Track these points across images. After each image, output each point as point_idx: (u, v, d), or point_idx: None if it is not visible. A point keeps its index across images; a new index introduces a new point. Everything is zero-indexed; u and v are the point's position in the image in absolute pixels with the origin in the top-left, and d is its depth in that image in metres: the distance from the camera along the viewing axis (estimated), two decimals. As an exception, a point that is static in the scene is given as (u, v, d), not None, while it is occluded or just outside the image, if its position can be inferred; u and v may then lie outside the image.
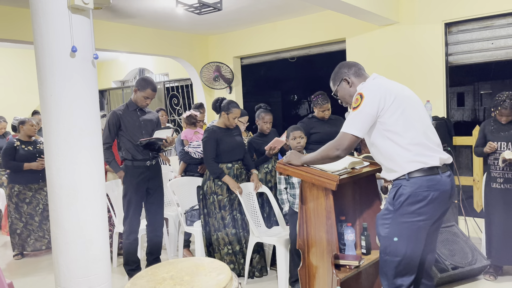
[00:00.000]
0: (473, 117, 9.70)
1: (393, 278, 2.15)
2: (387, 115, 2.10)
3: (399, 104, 2.10)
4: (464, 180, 4.49)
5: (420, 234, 2.12)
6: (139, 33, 5.84)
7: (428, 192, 2.07)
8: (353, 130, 2.13)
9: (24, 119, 4.56)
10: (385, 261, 2.18)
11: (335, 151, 2.18)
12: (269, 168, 3.85)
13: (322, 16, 5.46)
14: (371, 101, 2.10)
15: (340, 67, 2.37)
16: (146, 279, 2.00)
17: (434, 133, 2.22)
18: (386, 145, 2.14)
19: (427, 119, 2.23)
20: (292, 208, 3.20)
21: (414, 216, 2.08)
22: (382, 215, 2.19)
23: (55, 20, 2.38)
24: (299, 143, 3.23)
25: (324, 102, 3.74)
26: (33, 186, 4.50)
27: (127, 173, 3.55)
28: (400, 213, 2.10)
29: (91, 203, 2.54)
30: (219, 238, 3.57)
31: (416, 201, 2.07)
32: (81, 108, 2.49)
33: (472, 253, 3.46)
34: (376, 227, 2.22)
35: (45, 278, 3.94)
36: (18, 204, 4.47)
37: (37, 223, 4.52)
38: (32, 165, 4.42)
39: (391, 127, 2.10)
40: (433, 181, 2.08)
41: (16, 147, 4.43)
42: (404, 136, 2.09)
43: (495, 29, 4.36)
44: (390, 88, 2.15)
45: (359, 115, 2.12)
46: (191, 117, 4.37)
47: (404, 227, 2.10)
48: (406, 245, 2.10)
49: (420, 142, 2.10)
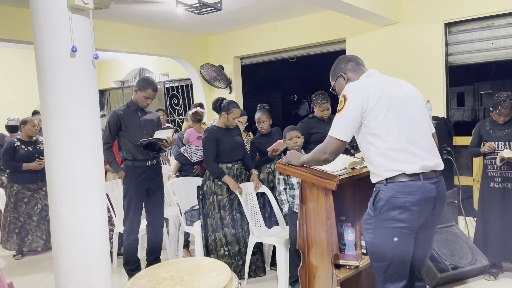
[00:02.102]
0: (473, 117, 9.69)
1: (384, 284, 2.11)
2: (370, 117, 2.04)
3: (383, 105, 2.03)
4: (464, 180, 4.49)
5: (404, 240, 2.05)
6: (139, 33, 5.84)
7: (406, 198, 2.00)
8: (337, 134, 2.08)
9: (26, 119, 4.56)
10: (373, 267, 2.15)
11: (323, 155, 2.15)
12: (272, 168, 3.85)
13: (322, 16, 5.46)
14: (354, 103, 2.04)
15: (338, 62, 2.33)
16: (146, 279, 2.00)
17: (424, 137, 2.11)
18: (368, 149, 2.10)
19: (420, 120, 2.12)
20: (292, 209, 3.20)
21: (394, 222, 2.03)
22: (365, 220, 2.15)
23: (55, 20, 2.38)
24: (296, 142, 3.24)
25: (323, 102, 3.74)
26: (31, 186, 4.50)
27: (127, 173, 3.55)
28: (380, 218, 2.06)
29: (91, 203, 2.54)
30: (216, 239, 3.57)
31: (394, 207, 2.02)
32: (81, 108, 2.48)
33: (472, 253, 3.46)
34: (362, 232, 2.20)
35: (45, 278, 3.94)
36: (16, 204, 4.47)
37: (35, 223, 4.52)
38: (31, 165, 4.42)
39: (373, 130, 2.04)
40: (412, 187, 2.00)
41: (16, 147, 4.43)
42: (385, 140, 2.02)
43: (495, 29, 4.36)
44: (376, 87, 2.07)
45: (342, 118, 2.07)
46: (197, 114, 4.36)
47: (386, 233, 2.05)
48: (390, 250, 2.04)
49: (400, 148, 2.02)
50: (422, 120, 2.14)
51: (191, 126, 4.36)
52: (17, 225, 4.47)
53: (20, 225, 4.48)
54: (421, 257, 2.21)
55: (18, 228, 4.47)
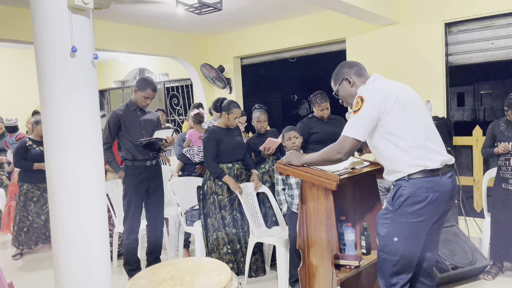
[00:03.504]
0: (473, 117, 9.71)
1: (390, 277, 2.17)
2: (388, 118, 2.10)
3: (400, 107, 2.10)
4: (464, 180, 4.49)
5: (419, 235, 2.14)
6: (139, 33, 5.84)
7: (428, 194, 2.08)
8: (354, 133, 2.13)
9: (39, 119, 4.59)
10: (383, 260, 2.19)
11: (336, 155, 2.18)
12: (266, 168, 3.85)
13: (322, 16, 5.46)
14: (371, 105, 2.10)
15: (342, 66, 2.38)
16: (146, 279, 2.00)
17: (435, 134, 2.22)
18: (387, 148, 2.15)
19: (429, 119, 2.23)
20: (290, 209, 3.21)
21: (413, 217, 2.09)
22: (382, 214, 2.21)
23: (55, 20, 2.38)
24: (294, 143, 3.25)
25: (322, 101, 3.73)
26: (41, 185, 4.52)
27: (127, 173, 3.55)
28: (400, 213, 2.12)
29: (91, 203, 2.54)
30: (218, 238, 3.57)
31: (415, 202, 2.08)
32: (81, 108, 2.49)
33: (472, 253, 3.46)
34: (376, 226, 2.24)
35: (45, 278, 3.93)
36: (26, 203, 4.50)
37: (43, 222, 4.55)
38: (42, 165, 4.43)
39: (392, 129, 2.11)
40: (433, 182, 2.09)
41: (28, 147, 4.47)
42: (405, 138, 2.09)
43: (495, 29, 4.36)
44: (391, 90, 2.15)
45: (360, 119, 2.12)
46: (198, 115, 4.36)
47: (403, 227, 2.11)
48: (404, 245, 2.12)
49: (421, 145, 2.11)
50: (430, 119, 2.25)
51: (192, 127, 4.37)
52: (25, 223, 4.51)
53: (28, 223, 4.51)
54: (431, 252, 2.29)
55: (27, 227, 4.51)
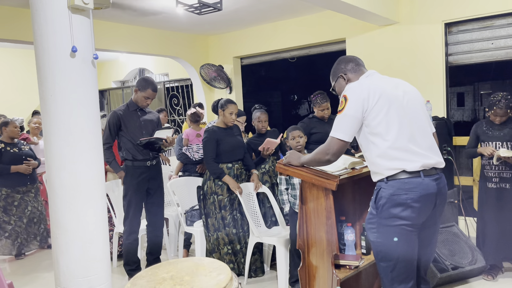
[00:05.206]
0: (473, 117, 9.71)
1: (391, 284, 2.10)
2: (371, 117, 2.05)
3: (383, 104, 2.04)
4: (464, 180, 4.49)
5: (408, 238, 2.05)
6: (139, 33, 5.84)
7: (407, 195, 2.00)
8: (339, 134, 2.09)
9: (7, 120, 4.47)
10: (381, 268, 2.13)
11: (325, 156, 2.16)
12: (266, 168, 3.85)
13: (322, 16, 5.46)
14: (354, 104, 2.06)
15: (338, 62, 2.35)
16: (146, 279, 1.99)
17: (425, 136, 2.13)
18: (369, 148, 2.11)
19: (421, 119, 2.13)
20: (293, 209, 3.20)
21: (396, 220, 2.03)
22: (368, 219, 2.15)
23: (55, 20, 2.38)
24: (299, 142, 3.24)
25: (322, 101, 3.73)
26: (21, 189, 4.42)
27: (127, 173, 3.55)
28: (383, 216, 2.06)
29: (91, 203, 2.54)
30: (219, 238, 3.57)
31: (395, 204, 2.02)
32: (81, 108, 2.48)
33: (472, 253, 3.46)
34: (366, 232, 2.19)
35: (45, 278, 3.93)
36: (6, 208, 4.37)
37: (24, 225, 4.44)
38: (20, 168, 4.35)
39: (374, 129, 2.06)
40: (412, 184, 2.01)
41: (1, 150, 4.31)
42: (386, 138, 2.04)
43: (495, 29, 4.36)
44: (376, 87, 2.08)
45: (344, 118, 2.08)
46: (195, 115, 4.36)
47: (389, 231, 2.05)
48: (396, 249, 2.04)
49: (401, 146, 2.03)
50: (422, 119, 2.15)
51: (190, 126, 4.37)
52: (6, 229, 4.37)
53: (10, 228, 4.37)
54: (425, 257, 2.20)
55: (9, 232, 4.37)
